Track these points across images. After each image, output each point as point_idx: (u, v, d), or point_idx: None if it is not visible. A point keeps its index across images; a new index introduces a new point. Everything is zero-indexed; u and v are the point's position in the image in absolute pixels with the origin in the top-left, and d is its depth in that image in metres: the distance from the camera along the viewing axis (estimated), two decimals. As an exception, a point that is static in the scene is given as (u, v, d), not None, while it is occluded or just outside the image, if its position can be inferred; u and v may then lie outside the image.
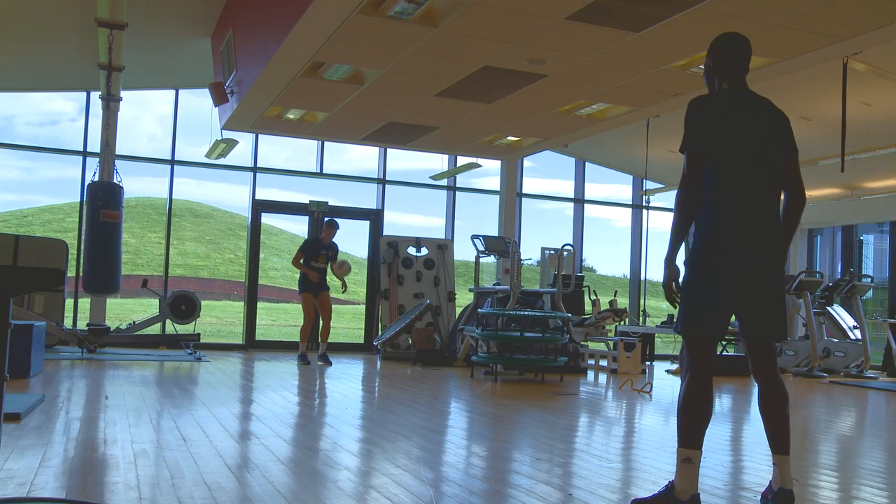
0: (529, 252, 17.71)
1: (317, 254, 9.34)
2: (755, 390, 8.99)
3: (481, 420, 5.64)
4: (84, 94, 11.06)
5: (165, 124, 24.38)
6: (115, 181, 9.09)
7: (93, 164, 9.15)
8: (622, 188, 14.23)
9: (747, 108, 3.00)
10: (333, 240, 9.52)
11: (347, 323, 22.87)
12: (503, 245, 10.14)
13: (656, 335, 12.46)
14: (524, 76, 7.97)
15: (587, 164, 13.47)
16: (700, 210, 2.92)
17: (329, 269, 9.40)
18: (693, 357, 2.93)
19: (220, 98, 9.78)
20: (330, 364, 9.15)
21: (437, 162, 12.67)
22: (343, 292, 9.42)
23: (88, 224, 8.56)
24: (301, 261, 9.33)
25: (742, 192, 2.90)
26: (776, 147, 2.99)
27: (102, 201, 8.57)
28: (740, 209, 2.89)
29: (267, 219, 12.37)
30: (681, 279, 2.98)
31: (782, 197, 3.04)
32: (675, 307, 2.98)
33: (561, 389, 7.55)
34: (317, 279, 9.25)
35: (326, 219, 9.75)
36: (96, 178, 9.09)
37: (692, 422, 2.89)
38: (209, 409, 5.32)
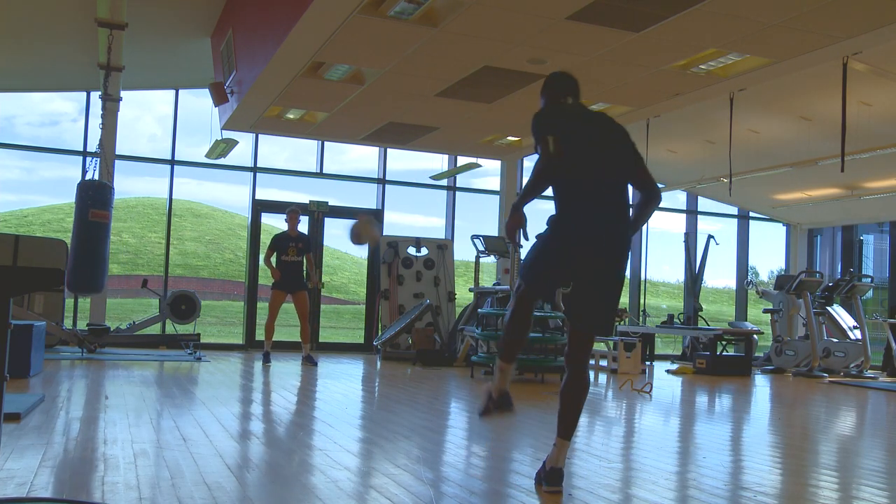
0: (529, 252, 17.68)
1: (286, 246, 9.00)
2: (755, 390, 9.01)
3: (481, 420, 5.63)
4: (84, 94, 11.06)
5: (165, 124, 24.38)
6: (105, 181, 9.04)
7: (93, 164, 9.14)
8: (622, 188, 14.22)
9: (587, 119, 3.41)
10: (303, 231, 9.21)
11: (347, 323, 22.86)
12: (503, 245, 10.14)
13: (656, 335, 12.46)
14: (524, 76, 7.97)
15: (587, 164, 13.46)
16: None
17: (305, 264, 9.05)
18: (522, 296, 3.30)
19: (220, 98, 9.78)
20: (315, 365, 8.99)
21: (437, 162, 12.68)
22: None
23: (76, 222, 8.53)
24: (272, 258, 8.96)
25: (590, 195, 3.24)
26: (621, 156, 3.33)
27: (92, 200, 8.53)
28: (588, 210, 3.22)
29: (267, 219, 12.36)
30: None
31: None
32: (515, 247, 3.45)
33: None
34: (278, 277, 8.92)
35: (288, 208, 9.32)
36: (90, 177, 9.07)
37: (514, 343, 3.36)
38: (209, 409, 5.32)
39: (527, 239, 3.27)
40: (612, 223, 3.22)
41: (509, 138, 11.19)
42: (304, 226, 12.19)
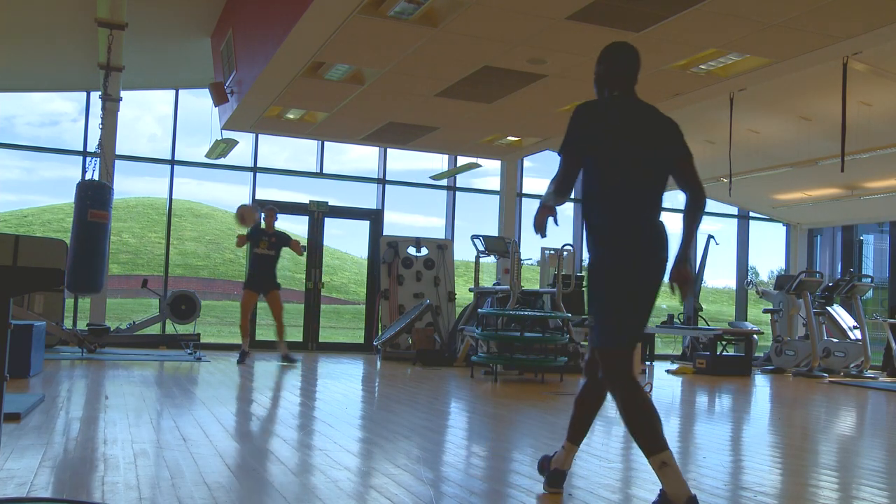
0: (529, 252, 17.72)
1: (258, 238, 9.09)
2: (755, 390, 9.00)
3: (481, 420, 5.64)
4: (84, 94, 11.06)
5: (165, 124, 24.37)
6: (104, 182, 9.04)
7: (92, 164, 9.14)
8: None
9: (636, 116, 3.11)
10: (282, 231, 9.22)
11: (347, 323, 22.85)
12: (503, 245, 10.14)
13: (656, 335, 12.46)
14: (524, 76, 7.97)
15: (587, 164, 13.45)
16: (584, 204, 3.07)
17: (276, 264, 9.12)
18: (619, 370, 2.93)
19: (220, 98, 9.78)
20: (294, 363, 8.95)
21: (437, 162, 12.68)
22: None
23: (75, 222, 8.54)
24: (245, 244, 9.13)
25: (633, 201, 3.01)
26: (667, 153, 3.08)
27: (91, 200, 8.54)
28: (633, 218, 2.99)
29: (267, 219, 12.38)
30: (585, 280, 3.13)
31: (684, 198, 3.15)
32: (542, 236, 3.03)
33: (561, 389, 7.55)
34: (241, 243, 9.09)
35: (265, 206, 9.33)
36: (89, 177, 9.07)
37: (648, 430, 2.85)
38: (209, 409, 5.32)
39: (557, 225, 3.06)
40: (658, 232, 3.03)
41: (509, 138, 11.19)
42: (303, 226, 12.23)
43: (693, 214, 3.10)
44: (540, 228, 3.02)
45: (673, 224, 3.17)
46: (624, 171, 3.01)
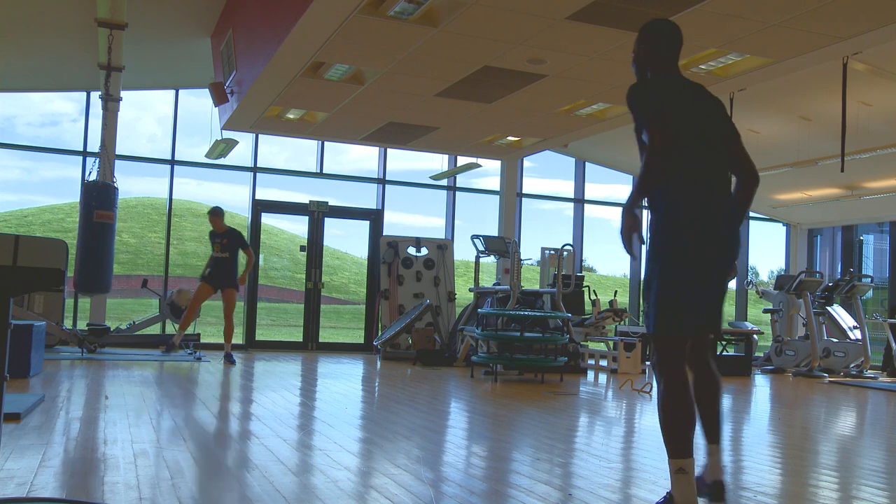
0: (529, 252, 17.72)
1: (212, 242, 9.07)
2: (755, 390, 8.99)
3: (481, 420, 5.64)
4: (84, 94, 11.07)
5: (165, 124, 24.37)
6: (110, 182, 9.07)
7: (96, 165, 9.16)
8: (622, 188, 14.25)
9: (691, 94, 2.97)
10: (233, 228, 9.13)
11: (347, 323, 22.86)
12: (503, 245, 10.15)
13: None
14: (524, 76, 7.97)
15: (587, 164, 13.47)
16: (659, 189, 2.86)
17: (233, 264, 9.04)
18: (669, 360, 2.80)
19: (220, 98, 9.78)
20: (234, 363, 8.81)
21: (437, 162, 12.68)
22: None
23: (82, 223, 8.57)
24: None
25: (698, 179, 2.86)
26: (721, 132, 2.98)
27: (97, 201, 8.56)
28: (699, 198, 2.84)
29: (267, 219, 12.38)
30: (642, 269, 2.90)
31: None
32: (632, 257, 2.84)
33: (561, 389, 7.55)
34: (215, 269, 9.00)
35: (209, 210, 9.22)
36: (90, 178, 9.09)
37: (679, 430, 2.74)
38: (209, 409, 5.33)
39: (643, 243, 2.81)
40: (726, 211, 2.88)
41: (509, 138, 11.19)
42: (303, 226, 12.23)
43: (741, 197, 2.97)
44: (629, 245, 2.75)
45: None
46: (690, 149, 2.86)
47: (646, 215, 2.94)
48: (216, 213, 9.12)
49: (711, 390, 2.93)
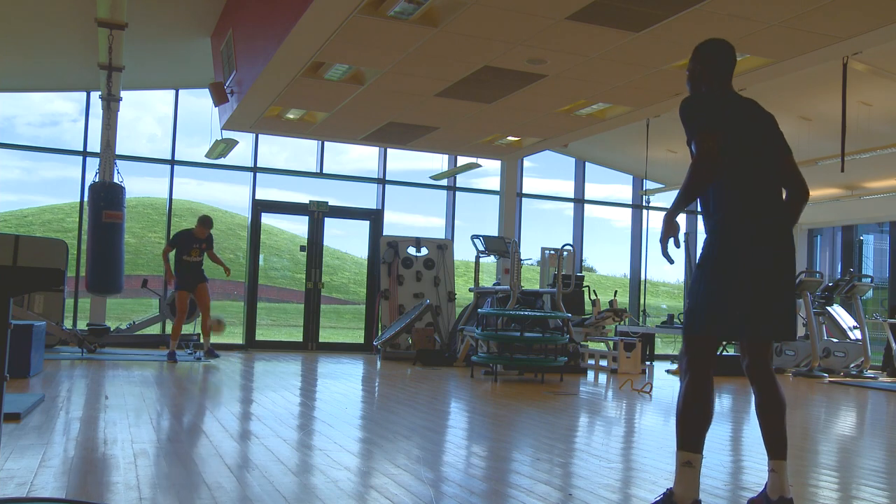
0: (529, 252, 17.71)
1: (189, 247, 8.97)
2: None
3: (481, 420, 5.64)
4: (84, 94, 11.06)
5: (165, 124, 24.36)
6: (116, 181, 9.10)
7: (93, 164, 9.16)
8: (622, 188, 14.24)
9: (745, 109, 3.05)
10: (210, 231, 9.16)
11: (347, 323, 22.86)
12: (503, 245, 10.14)
13: (656, 335, 12.46)
14: (524, 76, 7.97)
15: (587, 164, 13.47)
16: (710, 201, 2.95)
17: (206, 258, 9.12)
18: (695, 358, 2.89)
19: (220, 98, 9.78)
20: (217, 356, 8.92)
21: (437, 162, 12.68)
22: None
23: (91, 225, 8.58)
24: (171, 255, 8.96)
25: (753, 191, 2.93)
26: (774, 146, 3.05)
27: (105, 202, 8.57)
28: (753, 209, 2.91)
29: (267, 219, 12.37)
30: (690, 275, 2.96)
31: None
32: (669, 261, 2.90)
33: (561, 389, 7.55)
34: (171, 280, 9.01)
35: (202, 216, 9.20)
36: (97, 179, 9.10)
37: (693, 424, 2.82)
38: (209, 409, 5.33)
39: (678, 247, 2.90)
40: (781, 221, 2.95)
41: (509, 138, 11.19)
42: (303, 226, 12.23)
43: (791, 210, 3.05)
44: (665, 250, 2.86)
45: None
46: (744, 162, 2.93)
47: (683, 220, 2.94)
48: (209, 224, 9.13)
49: (777, 407, 3.02)
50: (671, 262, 2.89)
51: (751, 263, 2.86)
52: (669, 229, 2.83)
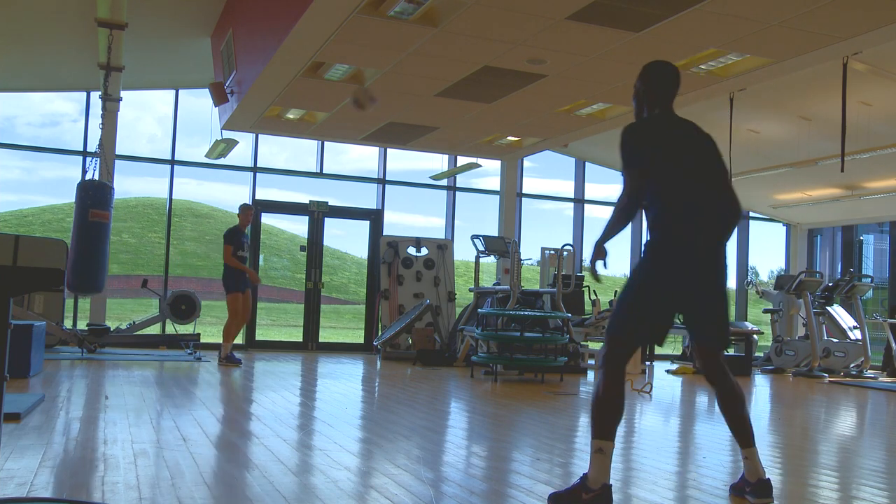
0: (529, 252, 17.72)
1: (242, 242, 8.82)
2: (755, 390, 8.98)
3: (481, 420, 5.64)
4: (84, 94, 11.07)
5: (165, 125, 24.40)
6: (105, 181, 9.04)
7: (93, 164, 9.13)
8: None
9: (683, 130, 3.24)
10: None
11: (347, 323, 22.87)
12: (503, 245, 10.14)
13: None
14: (524, 76, 7.97)
15: (587, 164, 13.47)
16: (647, 219, 3.20)
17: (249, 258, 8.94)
18: (612, 355, 3.09)
19: (220, 98, 9.78)
20: (239, 363, 8.70)
21: (437, 162, 12.68)
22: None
23: (76, 223, 8.53)
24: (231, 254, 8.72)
25: (685, 211, 3.11)
26: (710, 165, 3.21)
27: (92, 200, 8.53)
28: (684, 228, 3.10)
29: (267, 219, 12.38)
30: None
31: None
32: (598, 282, 3.32)
33: (561, 389, 7.55)
34: (253, 274, 8.87)
35: (242, 203, 9.04)
36: (88, 178, 9.07)
37: (606, 415, 3.02)
38: (209, 409, 5.33)
39: (605, 268, 3.25)
40: (711, 239, 3.14)
41: (509, 138, 11.19)
42: (303, 226, 12.24)
43: (725, 227, 3.21)
44: (593, 273, 3.25)
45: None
46: (679, 182, 3.13)
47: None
48: (251, 209, 8.93)
49: (736, 400, 3.25)
50: (599, 282, 3.33)
51: (675, 283, 3.09)
52: (598, 254, 3.19)
